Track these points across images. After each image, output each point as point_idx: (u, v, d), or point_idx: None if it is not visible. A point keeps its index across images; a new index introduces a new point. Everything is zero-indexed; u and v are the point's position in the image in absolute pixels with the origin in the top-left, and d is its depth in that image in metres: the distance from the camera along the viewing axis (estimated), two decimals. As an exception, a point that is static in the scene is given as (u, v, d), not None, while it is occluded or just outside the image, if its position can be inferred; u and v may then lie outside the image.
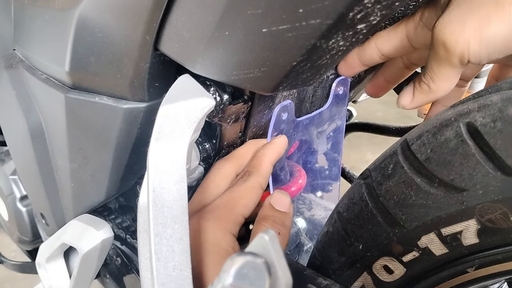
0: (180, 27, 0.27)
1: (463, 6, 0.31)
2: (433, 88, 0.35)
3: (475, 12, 0.30)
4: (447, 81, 0.34)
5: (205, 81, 0.30)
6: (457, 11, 0.31)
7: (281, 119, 0.38)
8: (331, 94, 0.44)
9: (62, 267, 0.48)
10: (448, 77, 0.33)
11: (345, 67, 0.41)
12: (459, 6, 0.31)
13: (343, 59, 0.41)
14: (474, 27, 0.29)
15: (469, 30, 0.30)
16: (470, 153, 0.27)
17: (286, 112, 0.38)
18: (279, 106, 0.37)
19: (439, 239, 0.30)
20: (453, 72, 0.33)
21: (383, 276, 0.36)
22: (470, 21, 0.30)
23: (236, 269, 0.17)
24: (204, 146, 0.35)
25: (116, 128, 0.34)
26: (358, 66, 0.40)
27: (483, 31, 0.29)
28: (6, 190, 0.62)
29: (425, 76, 0.35)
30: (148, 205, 0.26)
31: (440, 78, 0.34)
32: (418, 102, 0.37)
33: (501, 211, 0.27)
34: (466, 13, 0.30)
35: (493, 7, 0.29)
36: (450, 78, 0.33)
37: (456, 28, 0.30)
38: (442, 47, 0.32)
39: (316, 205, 0.56)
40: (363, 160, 1.74)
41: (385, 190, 0.33)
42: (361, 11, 0.21)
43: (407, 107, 0.38)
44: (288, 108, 0.38)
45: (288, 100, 0.38)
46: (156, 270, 0.25)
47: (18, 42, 0.41)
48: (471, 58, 0.31)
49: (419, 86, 0.36)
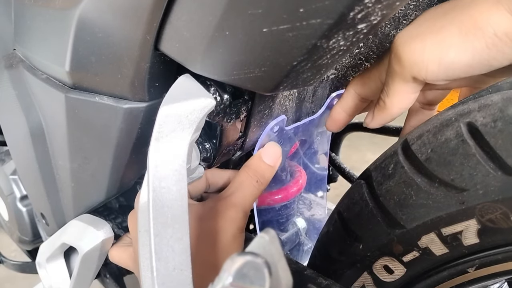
0: (180, 27, 0.27)
1: (425, 26, 0.31)
2: (388, 103, 0.35)
3: (437, 34, 0.29)
4: (401, 97, 0.34)
5: (205, 81, 0.30)
6: (419, 29, 0.31)
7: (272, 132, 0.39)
8: (325, 104, 0.44)
9: (62, 267, 0.48)
10: (401, 92, 0.33)
11: (333, 124, 0.43)
12: (421, 25, 0.31)
13: (329, 117, 0.42)
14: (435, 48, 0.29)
15: (429, 51, 0.30)
16: (470, 153, 0.27)
17: (277, 126, 0.38)
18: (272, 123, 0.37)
19: (440, 239, 0.30)
20: (406, 88, 0.33)
21: (383, 276, 0.36)
22: (431, 42, 0.30)
23: (236, 269, 0.17)
24: (204, 146, 0.35)
25: (116, 128, 0.34)
26: (344, 118, 0.42)
27: (444, 55, 0.29)
28: (6, 190, 0.62)
29: (382, 92, 0.35)
30: (148, 205, 0.26)
31: (393, 93, 0.34)
32: (378, 120, 0.37)
33: (501, 211, 0.27)
34: (428, 33, 0.30)
35: (456, 34, 0.28)
36: (404, 93, 0.33)
37: (416, 47, 0.30)
38: (397, 62, 0.32)
39: (316, 205, 0.56)
40: (363, 160, 1.74)
41: (386, 190, 0.33)
42: (361, 11, 0.21)
43: (369, 125, 0.39)
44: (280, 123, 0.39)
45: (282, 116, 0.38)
46: (156, 270, 0.25)
47: (18, 42, 0.41)
48: (428, 77, 0.31)
49: (377, 104, 0.37)
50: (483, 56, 0.28)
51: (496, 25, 0.26)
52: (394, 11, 0.23)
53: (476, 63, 0.28)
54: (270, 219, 0.49)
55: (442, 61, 0.29)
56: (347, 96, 0.41)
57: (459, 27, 0.28)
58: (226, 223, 0.34)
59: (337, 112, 0.42)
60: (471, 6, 0.28)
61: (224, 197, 0.36)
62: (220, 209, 0.35)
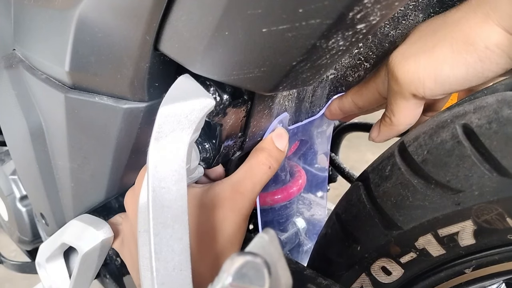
0: (180, 27, 0.27)
1: (417, 44, 0.32)
2: (394, 121, 0.36)
3: (430, 53, 0.30)
4: (406, 114, 0.34)
5: (205, 81, 0.31)
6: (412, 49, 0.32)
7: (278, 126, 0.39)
8: (326, 105, 0.44)
9: (62, 267, 0.48)
10: (404, 109, 0.34)
11: (329, 114, 0.45)
12: (414, 44, 0.32)
13: (328, 107, 0.44)
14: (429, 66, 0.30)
15: (424, 69, 0.30)
16: (466, 155, 0.27)
17: (280, 123, 0.38)
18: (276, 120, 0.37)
19: (436, 240, 0.30)
20: (409, 105, 0.34)
21: (381, 277, 0.36)
22: (425, 60, 0.30)
23: (236, 269, 0.17)
24: (204, 146, 0.35)
25: (116, 128, 0.34)
26: (340, 114, 0.43)
27: (438, 72, 0.30)
28: (6, 190, 0.62)
29: (387, 110, 0.36)
30: (148, 205, 0.26)
31: (398, 111, 0.35)
32: (384, 135, 0.38)
33: (497, 212, 0.27)
34: (421, 52, 0.31)
35: (448, 51, 0.29)
36: (407, 110, 0.34)
37: (410, 67, 0.31)
38: (395, 82, 0.33)
39: (316, 205, 0.57)
40: (362, 160, 1.74)
41: (383, 192, 0.33)
42: (361, 11, 0.21)
43: (375, 140, 0.40)
44: (283, 120, 0.39)
45: (285, 113, 0.38)
46: (156, 270, 0.25)
47: (18, 42, 0.41)
48: (426, 94, 0.31)
49: (383, 120, 0.37)
50: (477, 69, 0.28)
51: (487, 39, 0.27)
52: (393, 11, 0.23)
53: (471, 76, 0.29)
54: (270, 219, 0.49)
55: (438, 78, 0.30)
56: (345, 102, 0.42)
57: (450, 44, 0.29)
58: (231, 212, 0.33)
59: (334, 108, 0.43)
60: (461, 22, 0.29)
61: (231, 183, 0.34)
62: (227, 197, 0.34)
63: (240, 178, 0.35)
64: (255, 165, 0.35)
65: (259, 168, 0.35)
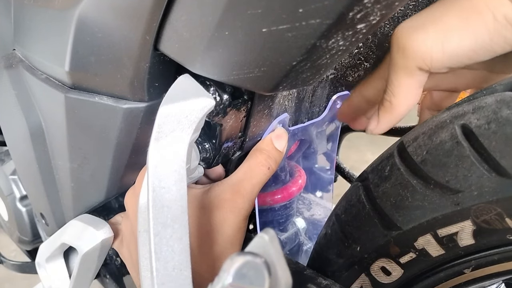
0: (180, 27, 0.27)
1: (425, 15, 0.31)
2: (394, 102, 0.34)
3: (438, 22, 0.30)
4: (406, 92, 0.33)
5: (205, 81, 0.31)
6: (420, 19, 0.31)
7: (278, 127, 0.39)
8: (328, 106, 0.44)
9: (62, 267, 0.48)
10: (406, 86, 0.33)
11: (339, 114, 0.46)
12: (421, 15, 0.32)
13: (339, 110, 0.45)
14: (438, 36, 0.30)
15: (432, 39, 0.30)
16: (465, 155, 0.27)
17: (280, 124, 0.38)
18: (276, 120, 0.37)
19: (436, 240, 0.30)
20: (411, 81, 0.32)
21: (380, 277, 0.36)
22: (433, 30, 0.30)
23: (236, 269, 0.17)
24: (204, 146, 0.35)
25: (116, 128, 0.34)
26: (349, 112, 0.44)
27: (447, 42, 0.29)
28: (6, 190, 0.62)
29: (386, 93, 0.35)
30: (148, 205, 0.26)
31: (399, 90, 0.33)
32: (384, 123, 0.37)
33: (496, 212, 0.27)
34: (429, 22, 0.30)
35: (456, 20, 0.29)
36: (409, 88, 0.33)
37: (419, 36, 0.30)
38: (401, 53, 0.32)
39: (316, 205, 0.57)
40: (362, 160, 1.75)
41: (382, 192, 0.33)
42: (361, 11, 0.21)
43: (374, 131, 0.38)
44: (283, 121, 0.38)
45: (285, 113, 0.38)
46: (156, 270, 0.25)
47: (18, 42, 0.41)
48: (433, 66, 0.30)
49: (382, 106, 0.36)
50: (485, 41, 0.28)
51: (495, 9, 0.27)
52: (393, 11, 0.23)
53: (479, 48, 0.28)
54: (269, 219, 0.49)
55: (446, 48, 0.29)
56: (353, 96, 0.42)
57: (459, 12, 0.29)
58: (231, 214, 0.33)
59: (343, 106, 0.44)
60: None
61: (231, 184, 0.35)
62: (226, 198, 0.34)
63: (240, 179, 0.35)
64: (254, 166, 0.35)
65: (258, 169, 0.35)
